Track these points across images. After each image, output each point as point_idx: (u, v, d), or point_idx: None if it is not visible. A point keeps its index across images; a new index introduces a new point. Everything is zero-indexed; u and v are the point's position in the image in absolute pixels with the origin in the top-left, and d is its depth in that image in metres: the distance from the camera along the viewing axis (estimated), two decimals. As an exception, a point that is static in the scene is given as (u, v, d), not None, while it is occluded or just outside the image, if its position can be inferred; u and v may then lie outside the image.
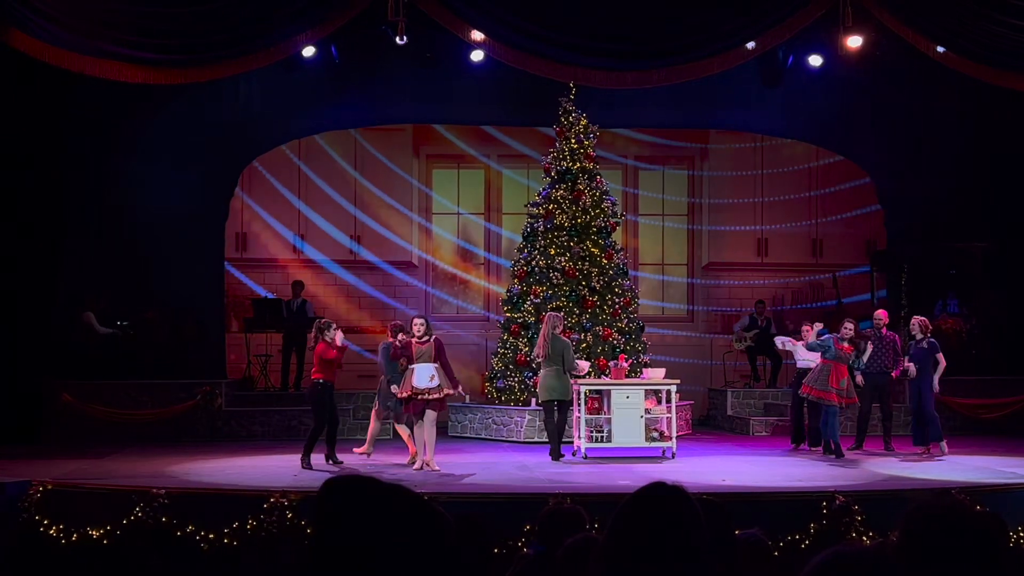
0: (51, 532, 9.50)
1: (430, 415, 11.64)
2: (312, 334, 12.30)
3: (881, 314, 13.70)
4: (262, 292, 18.18)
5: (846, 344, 12.67)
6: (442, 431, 13.35)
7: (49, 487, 9.81)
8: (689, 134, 19.38)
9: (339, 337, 12.18)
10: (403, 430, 12.50)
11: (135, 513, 9.43)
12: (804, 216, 19.54)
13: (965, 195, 16.97)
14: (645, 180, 19.77)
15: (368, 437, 12.86)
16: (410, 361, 11.71)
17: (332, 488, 2.39)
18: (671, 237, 19.87)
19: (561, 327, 12.97)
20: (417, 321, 11.96)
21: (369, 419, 13.04)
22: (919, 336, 13.16)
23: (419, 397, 11.59)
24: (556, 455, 12.47)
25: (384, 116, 17.99)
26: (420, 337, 11.75)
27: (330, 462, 11.93)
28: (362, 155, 18.88)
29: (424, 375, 11.60)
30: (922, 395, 12.94)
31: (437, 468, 11.59)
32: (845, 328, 12.76)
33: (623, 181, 19.40)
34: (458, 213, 19.61)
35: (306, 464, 11.66)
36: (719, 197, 19.54)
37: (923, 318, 13.48)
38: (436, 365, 11.71)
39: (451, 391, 11.92)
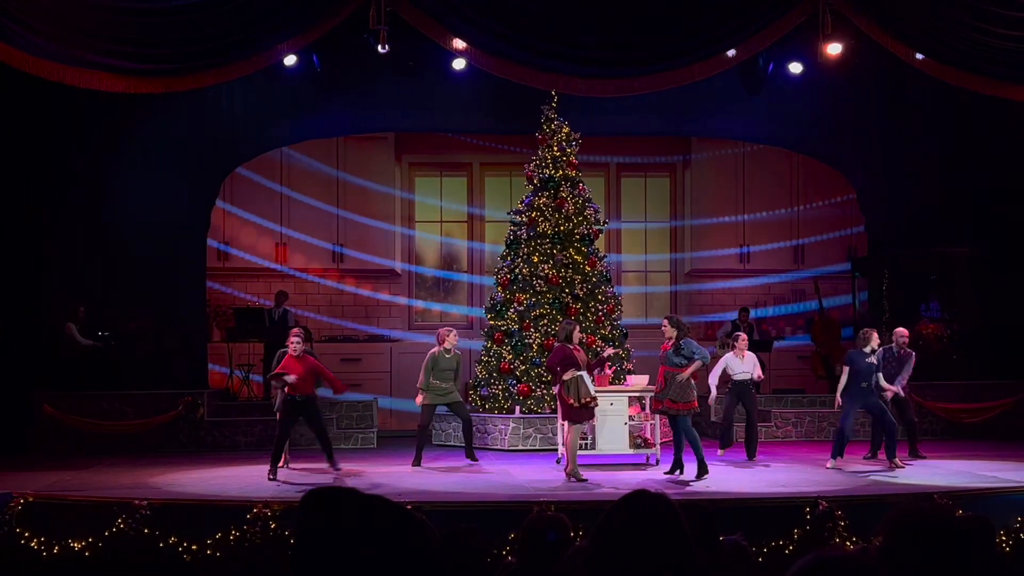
0: (32, 544, 9.44)
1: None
2: None
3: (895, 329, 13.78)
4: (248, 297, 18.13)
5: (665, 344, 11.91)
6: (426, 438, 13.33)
7: (30, 499, 9.74)
8: (671, 141, 19.45)
9: (292, 346, 11.85)
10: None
11: (117, 525, 9.37)
12: (785, 221, 19.60)
13: (947, 200, 17.03)
14: (627, 187, 19.84)
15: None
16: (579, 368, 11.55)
17: (312, 499, 2.39)
18: (653, 244, 19.91)
19: None
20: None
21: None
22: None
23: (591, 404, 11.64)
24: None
25: (366, 124, 17.94)
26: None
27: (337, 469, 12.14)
28: (344, 163, 18.82)
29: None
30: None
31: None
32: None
33: (605, 188, 19.46)
34: (441, 221, 19.62)
35: (271, 475, 11.60)
36: (701, 203, 19.56)
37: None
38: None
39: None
